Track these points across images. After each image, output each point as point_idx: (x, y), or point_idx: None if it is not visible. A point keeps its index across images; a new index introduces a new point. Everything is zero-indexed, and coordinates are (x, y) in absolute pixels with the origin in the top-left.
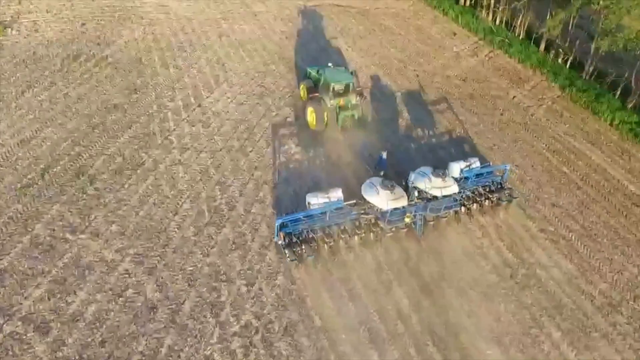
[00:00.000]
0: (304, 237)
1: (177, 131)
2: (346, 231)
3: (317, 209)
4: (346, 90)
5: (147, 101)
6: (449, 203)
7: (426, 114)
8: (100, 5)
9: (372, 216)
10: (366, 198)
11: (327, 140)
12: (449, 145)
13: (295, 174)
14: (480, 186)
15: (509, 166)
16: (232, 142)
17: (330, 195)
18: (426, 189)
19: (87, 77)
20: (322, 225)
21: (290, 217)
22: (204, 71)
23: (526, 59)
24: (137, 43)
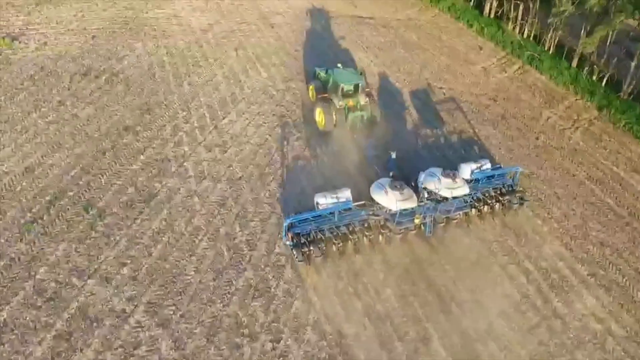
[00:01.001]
0: (313, 237)
1: (193, 157)
2: (355, 232)
3: (325, 210)
4: (355, 91)
5: (161, 122)
6: (460, 204)
7: (457, 138)
8: (111, 15)
9: (381, 217)
10: (375, 199)
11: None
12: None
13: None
14: (491, 188)
15: (520, 168)
16: (252, 169)
17: (339, 196)
18: (436, 190)
19: (97, 95)
20: (330, 226)
21: (298, 217)
22: (220, 88)
23: (558, 75)
24: (150, 57)
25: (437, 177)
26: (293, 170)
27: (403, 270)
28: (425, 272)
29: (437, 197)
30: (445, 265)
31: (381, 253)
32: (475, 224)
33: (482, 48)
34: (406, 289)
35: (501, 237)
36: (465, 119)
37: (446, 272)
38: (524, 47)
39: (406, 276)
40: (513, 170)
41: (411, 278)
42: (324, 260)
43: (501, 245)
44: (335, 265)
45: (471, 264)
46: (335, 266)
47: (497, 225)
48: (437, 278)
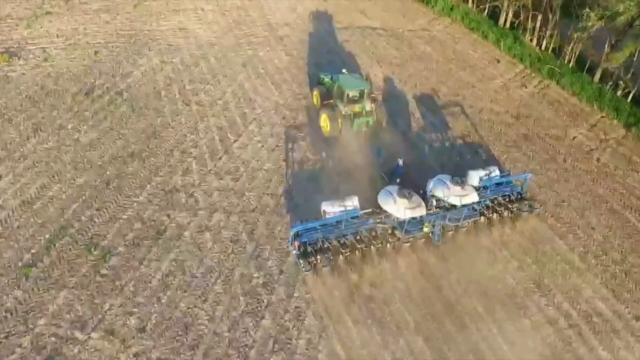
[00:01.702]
0: (320, 246)
1: (203, 186)
2: (362, 241)
3: (332, 218)
4: (361, 97)
5: (168, 147)
6: (469, 212)
7: (481, 161)
8: (114, 29)
9: (389, 225)
10: (383, 207)
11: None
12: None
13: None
14: (500, 195)
15: (529, 175)
16: (266, 199)
17: (346, 204)
18: (445, 197)
19: (100, 117)
20: (337, 235)
21: (305, 226)
22: (230, 108)
23: (581, 91)
24: (155, 74)
25: (445, 184)
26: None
27: (425, 305)
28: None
29: (446, 205)
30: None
31: (401, 280)
32: (501, 257)
33: (500, 61)
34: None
35: (535, 274)
36: (488, 140)
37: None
38: (543, 60)
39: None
40: (522, 177)
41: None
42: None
43: (535, 282)
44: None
45: (502, 306)
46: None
47: (530, 262)
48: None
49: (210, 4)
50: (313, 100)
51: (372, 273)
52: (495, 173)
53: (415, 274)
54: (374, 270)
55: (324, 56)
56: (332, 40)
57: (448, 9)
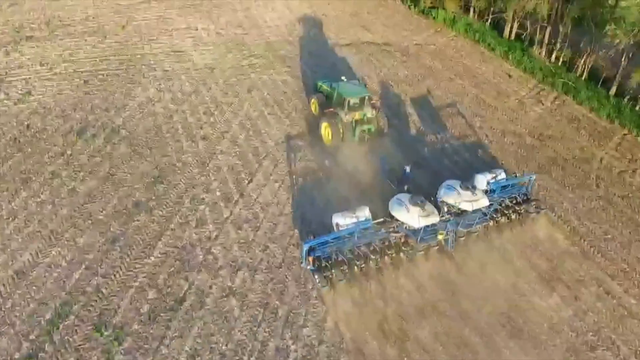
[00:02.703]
0: (334, 260)
1: (221, 239)
2: (376, 251)
3: (345, 230)
4: (361, 104)
5: (177, 193)
6: (480, 217)
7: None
8: (104, 54)
9: (402, 234)
10: (395, 216)
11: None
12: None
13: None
14: (507, 198)
15: (534, 176)
16: (292, 250)
17: (358, 215)
18: (456, 204)
19: (97, 161)
20: (351, 247)
21: (318, 240)
22: (240, 142)
23: (599, 107)
24: (154, 105)
25: (456, 190)
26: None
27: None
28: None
29: (456, 211)
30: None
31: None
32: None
33: (511, 76)
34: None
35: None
36: (516, 165)
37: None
38: (555, 74)
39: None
40: (526, 178)
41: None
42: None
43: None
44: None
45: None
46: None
47: (579, 313)
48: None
49: (203, 22)
50: (311, 108)
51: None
52: (502, 176)
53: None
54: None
55: (331, 77)
56: (337, 59)
57: (450, 21)
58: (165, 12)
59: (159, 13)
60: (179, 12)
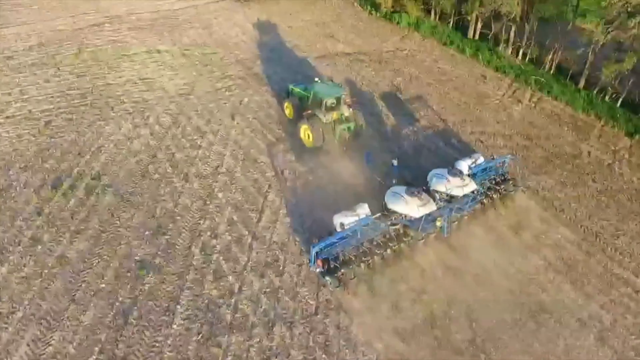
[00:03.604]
0: (341, 260)
1: (245, 291)
2: (380, 245)
3: (349, 229)
4: (337, 104)
5: (183, 244)
6: (470, 200)
7: (525, 196)
8: (61, 89)
9: (400, 226)
10: (393, 208)
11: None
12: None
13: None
14: (487, 180)
15: (509, 157)
16: (325, 293)
17: (359, 212)
18: (447, 190)
19: (82, 216)
20: (355, 244)
21: (325, 242)
22: (236, 175)
23: (573, 101)
24: (132, 143)
25: (445, 178)
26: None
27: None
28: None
29: (446, 197)
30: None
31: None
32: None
33: (486, 77)
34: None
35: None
36: (516, 169)
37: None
38: (526, 72)
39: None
40: (502, 160)
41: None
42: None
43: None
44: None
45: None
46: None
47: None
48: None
49: (164, 43)
50: (285, 113)
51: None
52: (480, 160)
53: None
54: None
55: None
56: (314, 72)
57: (414, 24)
58: (118, 35)
59: (112, 37)
60: (133, 35)
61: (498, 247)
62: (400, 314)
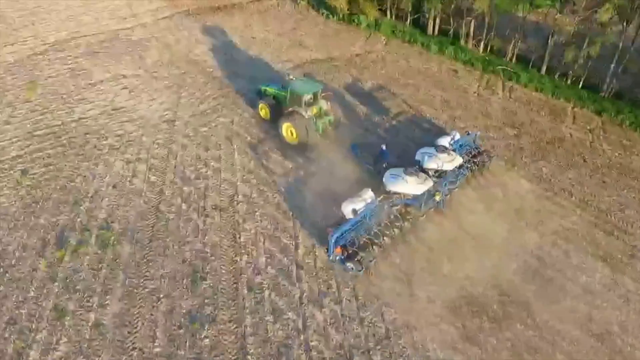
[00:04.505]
0: (358, 244)
1: (310, 326)
2: (387, 226)
3: (361, 214)
4: (315, 98)
5: (228, 287)
6: (458, 174)
7: (540, 189)
8: (24, 131)
9: (401, 206)
10: (394, 190)
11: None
12: (596, 222)
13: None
14: (465, 153)
15: (479, 132)
16: (390, 314)
17: (365, 197)
18: (438, 167)
19: (105, 273)
20: (365, 228)
21: (343, 229)
22: (258, 203)
23: (541, 87)
24: (132, 183)
25: (435, 155)
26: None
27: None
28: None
29: (440, 173)
30: None
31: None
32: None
33: (457, 71)
34: None
35: None
36: (514, 158)
37: None
38: (493, 63)
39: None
40: (473, 136)
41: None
42: None
43: None
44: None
45: None
46: None
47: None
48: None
49: (127, 67)
50: (260, 114)
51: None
52: (457, 136)
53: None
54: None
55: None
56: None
57: (373, 25)
58: (73, 63)
59: (66, 66)
60: (89, 61)
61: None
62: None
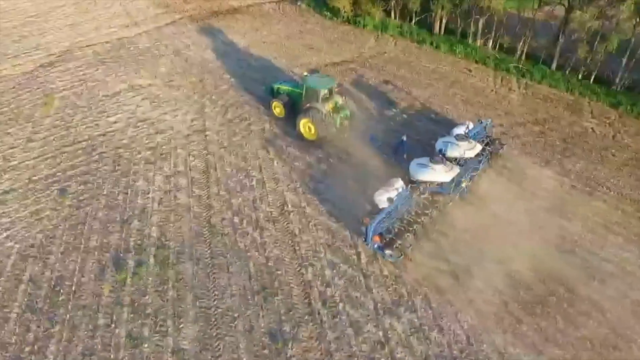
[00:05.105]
0: (393, 232)
1: (392, 338)
2: (418, 214)
3: (395, 202)
4: (330, 93)
5: (301, 303)
6: (479, 161)
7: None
8: (50, 147)
9: (428, 194)
10: (422, 179)
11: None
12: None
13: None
14: (478, 141)
15: (490, 120)
16: (465, 317)
17: (396, 186)
18: (461, 155)
19: (173, 296)
20: (398, 217)
21: (380, 217)
22: (308, 211)
23: (555, 83)
24: (177, 198)
25: (456, 144)
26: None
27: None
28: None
29: (462, 160)
30: None
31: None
32: None
33: (471, 70)
34: None
35: None
36: (543, 155)
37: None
38: (504, 61)
39: None
40: (486, 123)
41: None
42: None
43: None
44: None
45: None
46: None
47: None
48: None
49: (142, 77)
50: (274, 112)
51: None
52: (471, 126)
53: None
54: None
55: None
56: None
57: (379, 26)
58: (84, 74)
59: (78, 77)
60: (101, 72)
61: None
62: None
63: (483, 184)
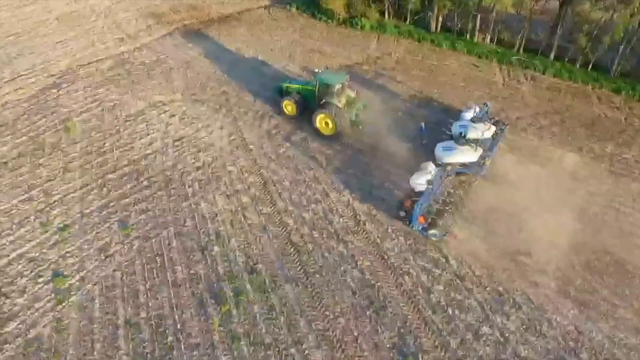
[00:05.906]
0: (434, 212)
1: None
2: (450, 194)
3: (434, 185)
4: (343, 88)
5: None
6: (496, 141)
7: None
8: (90, 174)
9: (452, 175)
10: (449, 161)
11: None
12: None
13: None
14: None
15: (489, 103)
16: (564, 321)
17: (430, 170)
18: (479, 136)
19: (282, 323)
20: (435, 198)
21: (425, 198)
22: (384, 226)
23: (559, 73)
24: (245, 217)
25: (473, 127)
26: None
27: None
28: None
29: (480, 141)
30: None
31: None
32: None
33: (478, 65)
34: None
35: None
36: (564, 143)
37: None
38: (506, 54)
39: None
40: (487, 107)
41: None
42: None
43: None
44: None
45: None
46: None
47: None
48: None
49: (161, 93)
50: (286, 111)
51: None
52: (477, 109)
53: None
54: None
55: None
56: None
57: (376, 27)
58: (96, 94)
59: (90, 98)
60: (113, 91)
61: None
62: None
63: (526, 173)
